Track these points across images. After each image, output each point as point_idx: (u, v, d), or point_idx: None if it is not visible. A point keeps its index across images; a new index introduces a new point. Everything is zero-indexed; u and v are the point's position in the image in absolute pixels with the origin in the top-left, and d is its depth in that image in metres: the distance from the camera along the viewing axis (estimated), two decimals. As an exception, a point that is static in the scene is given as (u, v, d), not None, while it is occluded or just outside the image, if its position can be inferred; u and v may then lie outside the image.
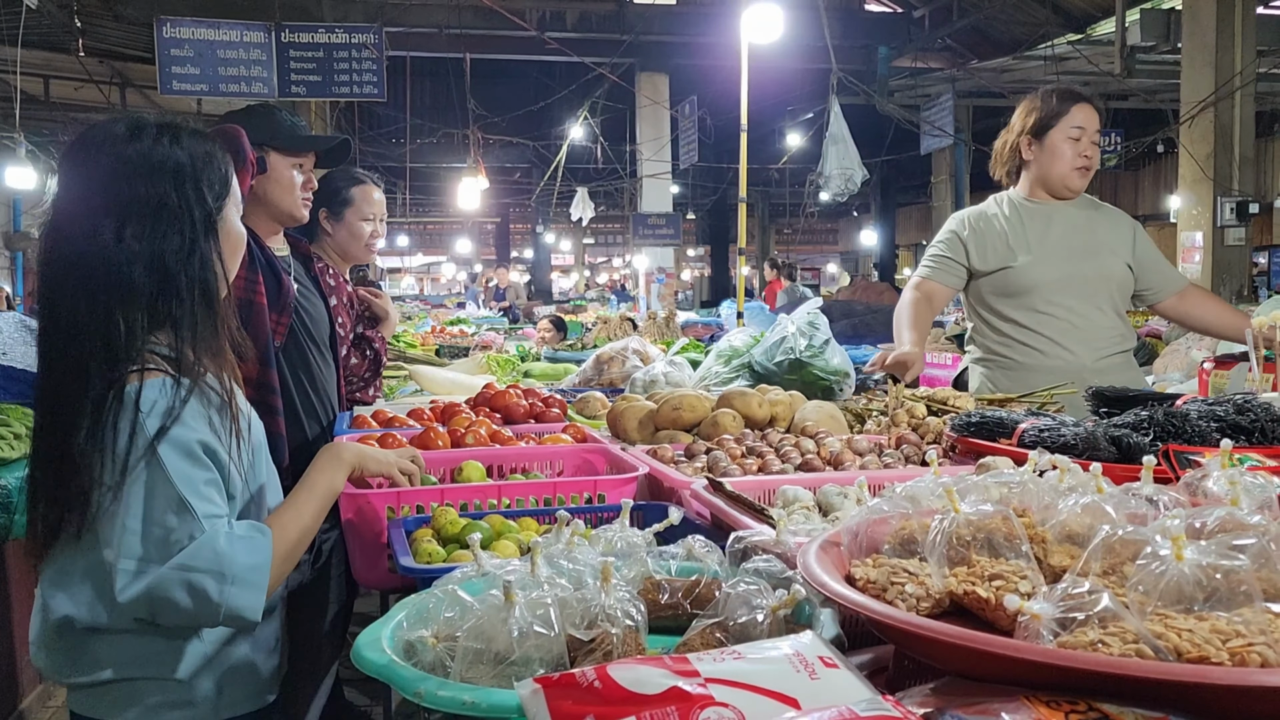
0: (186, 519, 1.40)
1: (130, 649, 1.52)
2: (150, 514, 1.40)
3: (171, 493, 1.40)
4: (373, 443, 2.29)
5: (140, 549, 1.39)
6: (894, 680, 1.14)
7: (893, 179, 20.09)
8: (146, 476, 1.41)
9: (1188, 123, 9.08)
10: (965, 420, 2.05)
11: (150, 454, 1.41)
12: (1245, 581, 0.93)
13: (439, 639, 1.12)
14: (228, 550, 1.40)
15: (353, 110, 13.74)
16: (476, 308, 14.83)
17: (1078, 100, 2.94)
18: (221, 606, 1.39)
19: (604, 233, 31.81)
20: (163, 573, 1.38)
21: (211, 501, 1.45)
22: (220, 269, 1.55)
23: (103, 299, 1.44)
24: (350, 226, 3.12)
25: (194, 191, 1.51)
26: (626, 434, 2.51)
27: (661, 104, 13.66)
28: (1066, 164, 2.93)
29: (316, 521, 1.60)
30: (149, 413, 1.42)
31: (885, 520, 1.24)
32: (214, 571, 1.38)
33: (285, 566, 1.51)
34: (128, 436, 1.41)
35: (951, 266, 3.04)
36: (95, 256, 1.45)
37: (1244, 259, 9.34)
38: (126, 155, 1.48)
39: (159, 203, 1.47)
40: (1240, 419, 1.75)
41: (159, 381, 1.45)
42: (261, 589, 1.43)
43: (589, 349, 5.51)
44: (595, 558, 1.25)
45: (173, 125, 1.55)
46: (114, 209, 1.45)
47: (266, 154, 2.48)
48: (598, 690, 0.91)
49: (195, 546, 1.39)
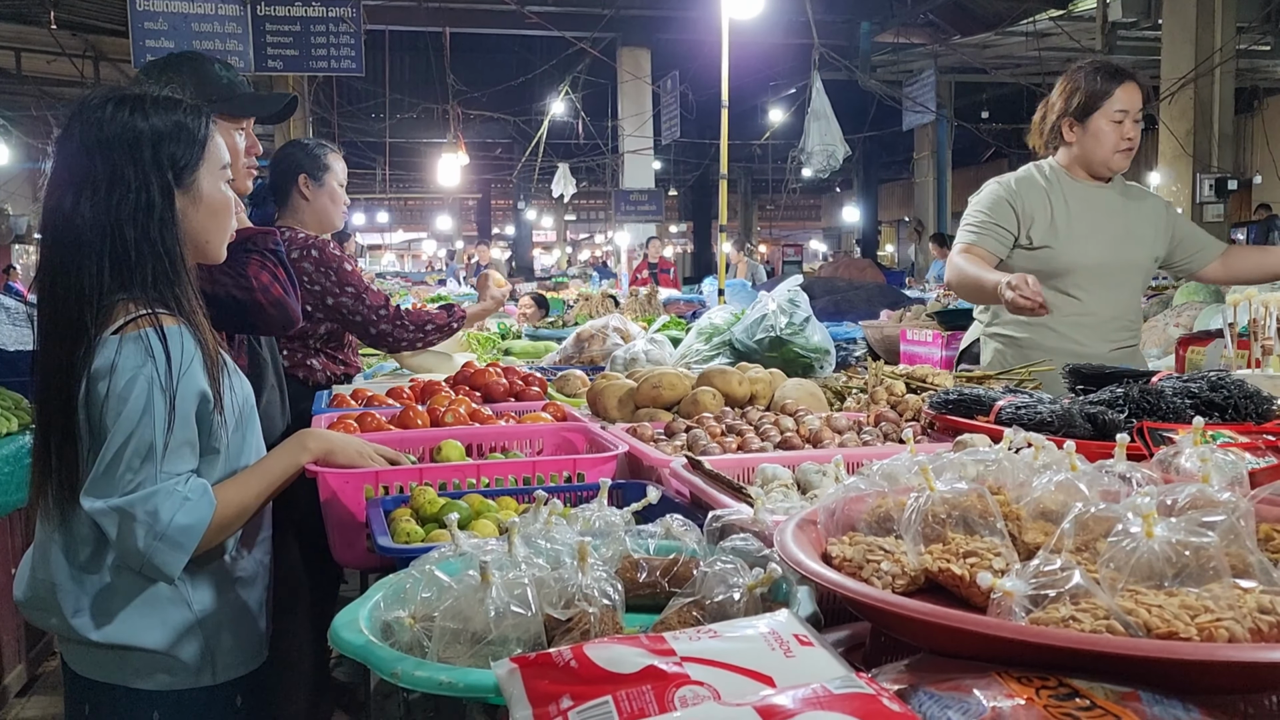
0: (148, 467, 1.51)
1: (116, 612, 1.61)
2: (121, 447, 1.50)
3: (145, 436, 1.50)
4: (351, 422, 2.28)
5: (101, 474, 1.51)
6: (870, 656, 1.15)
7: (875, 155, 20.11)
8: (127, 412, 1.50)
9: (1168, 99, 9.11)
10: (943, 398, 2.07)
11: (139, 395, 1.50)
12: (1214, 558, 0.94)
13: (416, 619, 1.12)
14: (166, 508, 1.50)
15: (331, 85, 13.58)
16: (458, 285, 14.76)
17: (1122, 80, 2.83)
18: (145, 556, 1.51)
19: (586, 209, 31.73)
20: (107, 504, 1.50)
21: (179, 458, 1.54)
22: (181, 233, 1.62)
23: (78, 267, 1.55)
24: (331, 192, 3.13)
25: (152, 160, 1.58)
26: (606, 412, 2.51)
27: (643, 79, 13.60)
28: (1109, 148, 2.85)
29: (259, 501, 1.68)
30: (141, 359, 1.51)
31: (862, 498, 1.24)
32: (147, 524, 1.50)
33: (217, 536, 1.59)
34: (124, 377, 1.50)
35: (999, 234, 2.90)
36: (69, 227, 1.55)
37: (1223, 235, 9.40)
38: (92, 128, 1.57)
39: (115, 173, 1.56)
40: (1214, 396, 1.77)
41: (170, 330, 1.55)
42: (187, 551, 1.53)
43: (570, 326, 5.50)
44: (573, 537, 1.25)
45: (137, 97, 1.62)
46: (82, 181, 1.56)
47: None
48: (574, 670, 0.91)
49: (141, 495, 1.50)
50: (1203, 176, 8.91)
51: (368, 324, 3.12)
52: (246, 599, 1.73)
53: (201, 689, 1.67)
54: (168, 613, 1.63)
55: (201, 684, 1.66)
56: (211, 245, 1.72)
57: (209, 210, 1.68)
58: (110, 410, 1.51)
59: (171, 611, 1.63)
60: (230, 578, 1.71)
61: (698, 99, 12.74)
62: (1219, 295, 4.65)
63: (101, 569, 1.62)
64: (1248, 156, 15.95)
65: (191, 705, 1.66)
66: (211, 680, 1.67)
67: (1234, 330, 2.41)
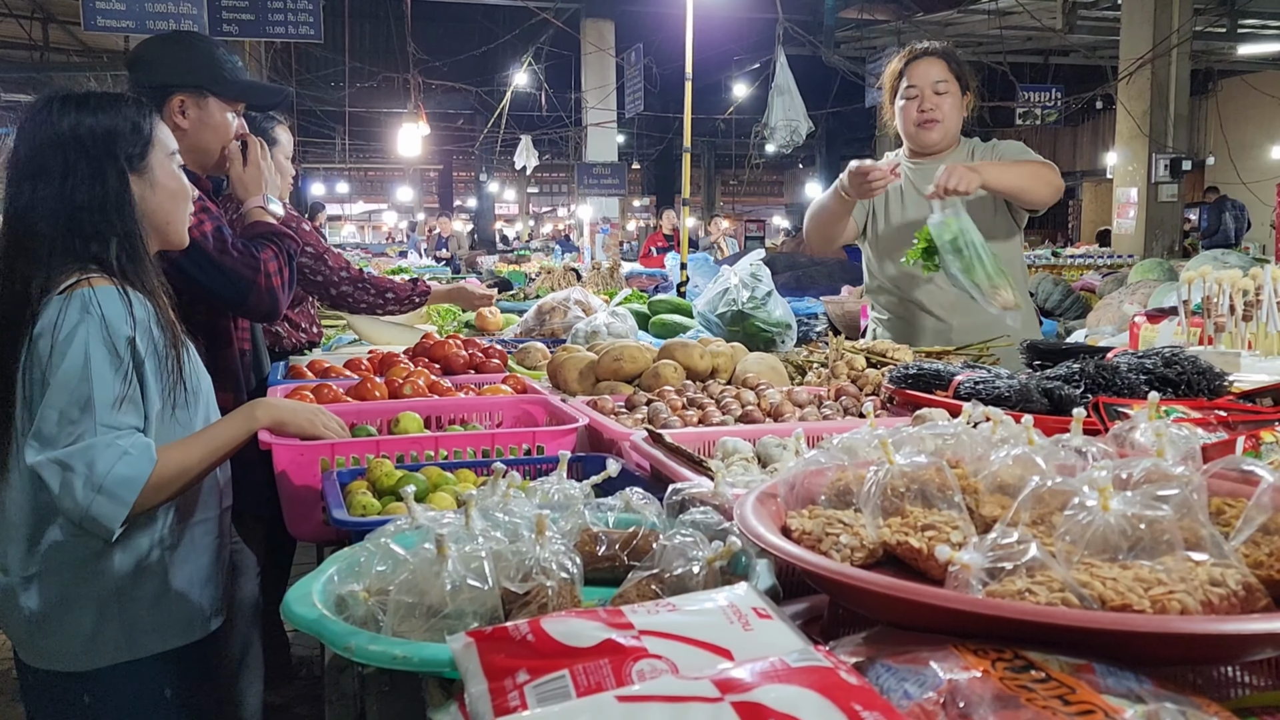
0: (87, 419, 1.55)
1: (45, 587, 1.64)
2: (61, 401, 1.55)
3: (84, 389, 1.55)
4: (307, 394, 2.25)
5: (43, 428, 1.55)
6: (828, 629, 1.15)
7: (838, 131, 20.13)
8: (66, 366, 1.55)
9: (1126, 79, 9.21)
10: (903, 373, 2.07)
11: (77, 348, 1.55)
12: (1168, 531, 0.95)
13: (371, 593, 1.10)
14: (104, 460, 1.53)
15: (289, 52, 13.31)
16: (419, 257, 14.61)
17: (913, 60, 2.94)
18: (84, 508, 1.54)
19: (549, 182, 31.47)
20: (47, 457, 1.53)
21: (118, 412, 1.57)
22: (139, 215, 1.73)
23: (32, 251, 1.64)
24: (281, 166, 3.14)
25: (106, 151, 1.70)
26: (567, 385, 2.50)
27: (607, 51, 13.49)
28: (910, 123, 2.95)
29: (201, 465, 1.70)
30: (79, 316, 1.57)
31: (822, 472, 1.24)
32: (85, 475, 1.53)
33: (156, 495, 1.62)
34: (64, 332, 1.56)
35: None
36: (25, 217, 1.66)
37: (1176, 215, 9.56)
38: (44, 127, 1.68)
39: (67, 167, 1.66)
40: (1168, 372, 1.79)
41: (103, 290, 1.61)
42: (126, 504, 1.56)
43: (532, 299, 5.46)
44: (531, 510, 1.24)
45: (82, 96, 1.73)
46: (37, 174, 1.67)
47: (204, 98, 2.34)
48: (530, 644, 0.90)
49: (80, 448, 1.53)
50: (1158, 156, 9.04)
51: (328, 284, 3.22)
52: (174, 576, 1.74)
53: (122, 664, 1.68)
54: (88, 589, 1.65)
55: (120, 659, 1.68)
56: (173, 227, 1.82)
57: (167, 193, 1.79)
58: (51, 365, 1.55)
59: (91, 587, 1.65)
60: (157, 555, 1.71)
61: (661, 72, 12.65)
62: (1173, 274, 4.72)
63: (33, 548, 1.63)
64: (1202, 138, 16.21)
65: (115, 682, 1.68)
66: (130, 655, 1.68)
67: (1188, 307, 2.45)
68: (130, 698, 1.69)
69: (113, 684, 1.67)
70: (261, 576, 2.48)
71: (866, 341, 2.73)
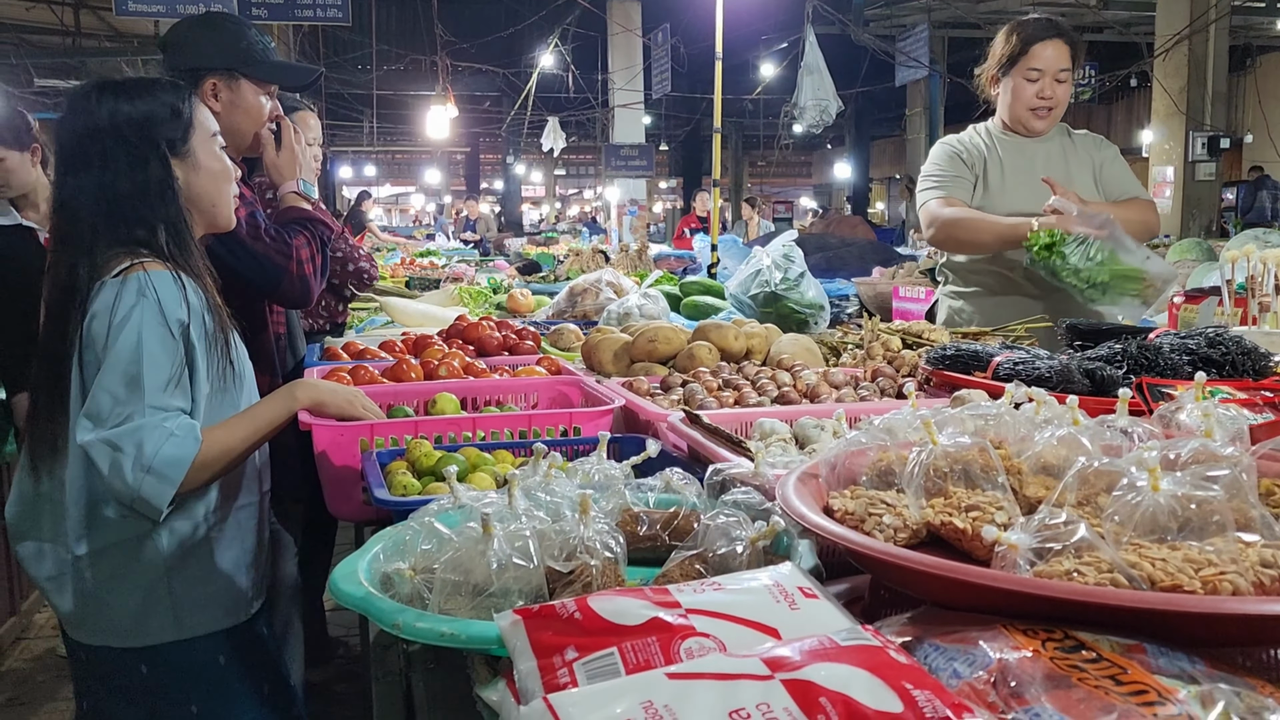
0: (136, 399, 1.56)
1: (97, 570, 1.68)
2: (113, 381, 1.56)
3: (136, 371, 1.56)
4: (345, 375, 2.27)
5: (94, 408, 1.57)
6: (869, 610, 1.15)
7: (867, 111, 19.95)
8: (120, 348, 1.57)
9: (1162, 56, 9.05)
10: (940, 353, 2.06)
11: (131, 330, 1.57)
12: (1218, 511, 0.94)
13: (416, 571, 1.12)
14: (152, 441, 1.55)
15: (316, 35, 13.35)
16: (446, 239, 14.65)
17: (1039, 39, 2.83)
18: (134, 489, 1.55)
19: (575, 164, 31.45)
20: (97, 436, 1.55)
21: (167, 394, 1.58)
22: (183, 200, 1.75)
23: (78, 237, 1.67)
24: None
25: (145, 141, 1.71)
26: (601, 366, 2.50)
27: (634, 32, 13.42)
28: (1022, 105, 2.88)
29: (244, 445, 1.72)
30: (134, 299, 1.59)
31: (863, 452, 1.24)
32: (134, 456, 1.54)
33: (201, 474, 1.63)
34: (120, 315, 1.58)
35: (963, 185, 2.91)
36: (71, 206, 1.68)
37: (1214, 194, 9.41)
38: (88, 117, 1.70)
39: (105, 154, 1.68)
40: (1211, 352, 1.76)
41: (157, 274, 1.63)
42: (174, 484, 1.57)
43: (561, 281, 5.46)
44: (573, 490, 1.24)
45: (118, 83, 1.75)
46: (79, 165, 1.69)
47: (236, 80, 2.34)
48: (578, 621, 0.91)
49: (128, 429, 1.55)
50: (1195, 134, 8.89)
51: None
52: (219, 558, 1.77)
53: (179, 643, 1.71)
54: (138, 567, 1.68)
55: (168, 639, 1.71)
56: (219, 209, 1.84)
57: (210, 175, 1.81)
58: (106, 347, 1.57)
59: (141, 566, 1.69)
60: (203, 536, 1.74)
61: (689, 52, 12.57)
62: (1212, 254, 4.65)
63: (87, 526, 1.67)
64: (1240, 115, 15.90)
65: (169, 654, 1.72)
66: (177, 635, 1.72)
67: (1231, 287, 2.41)
68: (185, 669, 1.72)
69: (167, 658, 1.71)
70: (299, 557, 2.52)
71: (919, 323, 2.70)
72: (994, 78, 2.95)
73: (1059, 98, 2.87)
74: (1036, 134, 2.93)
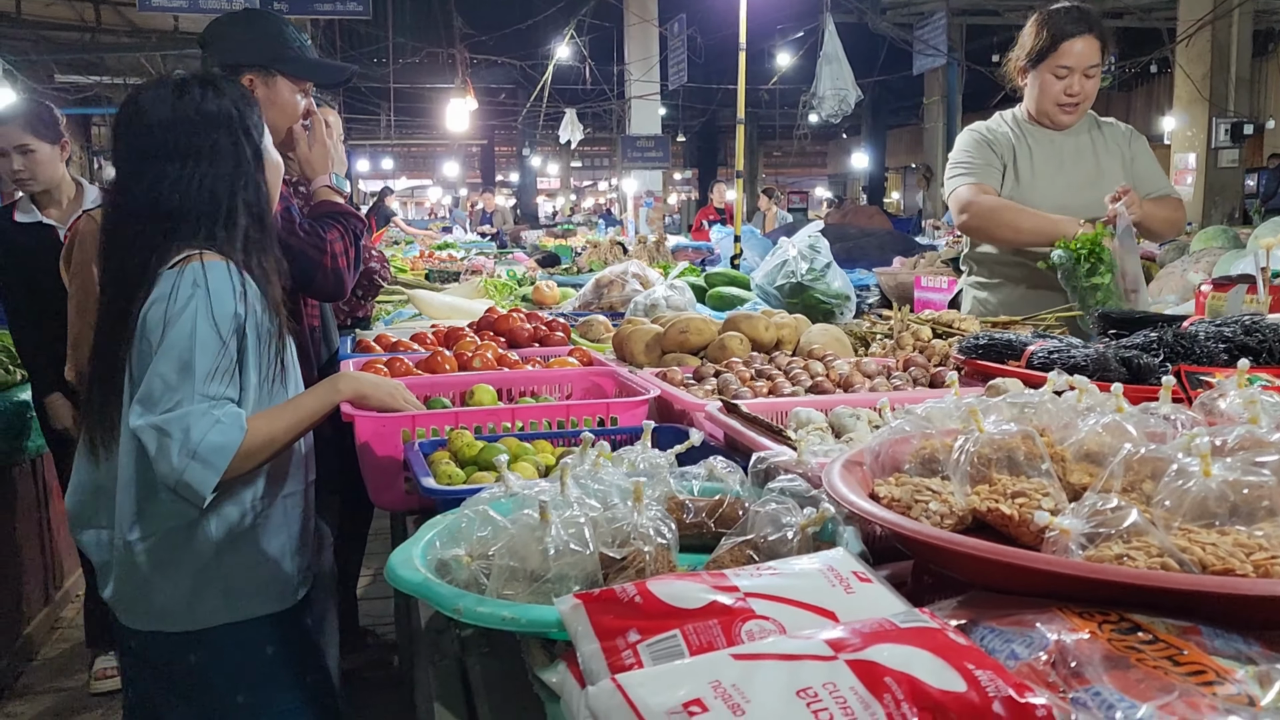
0: (186, 386, 1.59)
1: (151, 554, 1.71)
2: (166, 368, 1.59)
3: (188, 358, 1.59)
4: (381, 366, 2.29)
5: (147, 393, 1.60)
6: (913, 596, 1.16)
7: (884, 100, 19.87)
8: (174, 335, 1.60)
9: (1185, 42, 8.97)
10: (973, 343, 2.06)
11: (186, 319, 1.60)
12: (1268, 496, 0.95)
13: (473, 557, 1.14)
14: (199, 428, 1.58)
15: (334, 29, 13.38)
16: (463, 232, 14.68)
17: (1069, 36, 2.80)
18: (179, 473, 1.57)
19: (591, 155, 31.44)
20: (147, 421, 1.58)
21: (215, 382, 1.61)
22: (267, 193, 1.81)
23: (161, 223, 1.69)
24: None
25: (243, 133, 1.76)
26: (633, 357, 2.52)
27: (650, 22, 13.37)
28: (1049, 101, 2.87)
29: (287, 435, 1.74)
30: (191, 289, 1.62)
31: (906, 440, 1.25)
32: (181, 441, 1.57)
33: (245, 463, 1.65)
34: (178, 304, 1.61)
35: (993, 172, 2.90)
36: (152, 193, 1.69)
37: (1237, 181, 9.33)
38: (181, 110, 1.71)
39: (214, 146, 1.72)
40: (1248, 340, 1.77)
41: (213, 265, 1.66)
42: (218, 471, 1.59)
43: (585, 273, 5.48)
44: (621, 478, 1.27)
45: (205, 78, 1.78)
46: (179, 154, 1.70)
47: (273, 77, 2.37)
48: (639, 605, 0.93)
49: (177, 415, 1.58)
50: (1219, 121, 8.81)
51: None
52: (268, 545, 1.79)
53: (221, 626, 1.75)
54: (189, 552, 1.72)
55: (219, 621, 1.75)
56: (272, 204, 1.87)
57: (275, 170, 1.87)
58: (163, 332, 1.60)
59: (191, 551, 1.72)
60: (250, 523, 1.77)
61: (705, 42, 12.54)
62: (1238, 241, 4.62)
63: (140, 511, 1.70)
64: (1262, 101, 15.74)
65: (219, 641, 1.75)
66: (229, 618, 1.75)
67: (1265, 274, 2.40)
68: (235, 657, 1.75)
69: (218, 643, 1.74)
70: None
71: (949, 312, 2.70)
72: (1022, 69, 2.94)
73: (1087, 92, 2.86)
74: (1063, 128, 2.92)
